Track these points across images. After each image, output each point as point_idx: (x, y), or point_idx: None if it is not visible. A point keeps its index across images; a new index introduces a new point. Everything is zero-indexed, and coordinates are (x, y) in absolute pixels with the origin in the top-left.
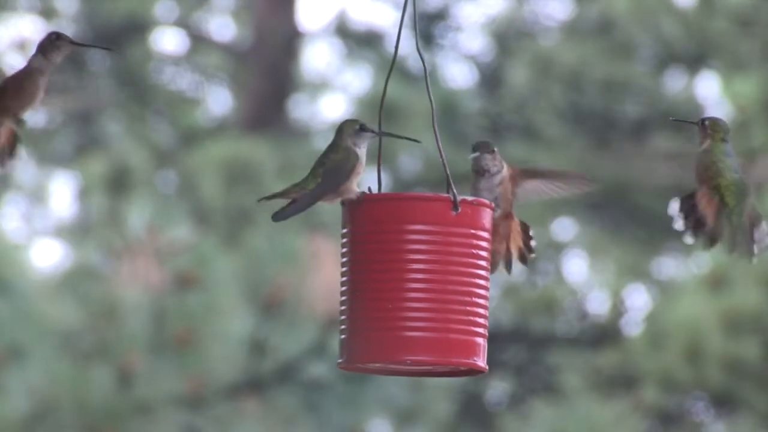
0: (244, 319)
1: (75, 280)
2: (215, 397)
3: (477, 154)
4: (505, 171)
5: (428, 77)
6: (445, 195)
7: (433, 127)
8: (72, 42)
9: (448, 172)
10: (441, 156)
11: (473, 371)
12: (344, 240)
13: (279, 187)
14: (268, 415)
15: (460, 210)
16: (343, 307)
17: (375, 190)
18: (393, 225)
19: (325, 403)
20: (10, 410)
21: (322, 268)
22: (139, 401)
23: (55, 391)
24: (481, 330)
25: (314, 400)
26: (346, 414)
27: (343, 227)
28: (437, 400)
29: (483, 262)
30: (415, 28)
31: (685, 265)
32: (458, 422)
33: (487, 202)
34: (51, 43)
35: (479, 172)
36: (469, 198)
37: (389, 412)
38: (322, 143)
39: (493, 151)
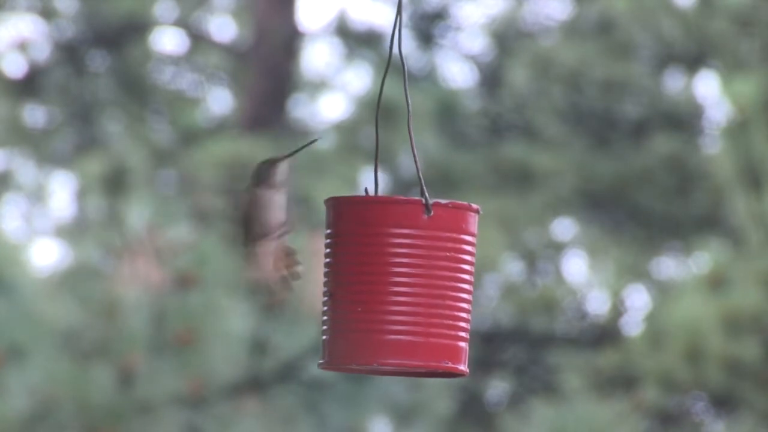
0: (244, 319)
1: (75, 280)
2: (216, 396)
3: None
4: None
5: (407, 80)
6: (419, 198)
7: (408, 129)
8: (281, 158)
9: (421, 175)
10: (414, 158)
11: (452, 373)
12: (327, 241)
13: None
14: (269, 414)
15: (432, 213)
16: (324, 308)
17: (372, 191)
18: (372, 228)
19: (325, 402)
20: (10, 410)
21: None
22: (140, 401)
23: (55, 391)
24: (462, 334)
25: (314, 399)
26: (346, 413)
27: (326, 228)
28: (437, 399)
29: (466, 266)
30: (397, 27)
31: (685, 265)
32: (457, 422)
33: (467, 204)
34: (263, 170)
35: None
36: (443, 201)
37: (389, 411)
38: (322, 143)
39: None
